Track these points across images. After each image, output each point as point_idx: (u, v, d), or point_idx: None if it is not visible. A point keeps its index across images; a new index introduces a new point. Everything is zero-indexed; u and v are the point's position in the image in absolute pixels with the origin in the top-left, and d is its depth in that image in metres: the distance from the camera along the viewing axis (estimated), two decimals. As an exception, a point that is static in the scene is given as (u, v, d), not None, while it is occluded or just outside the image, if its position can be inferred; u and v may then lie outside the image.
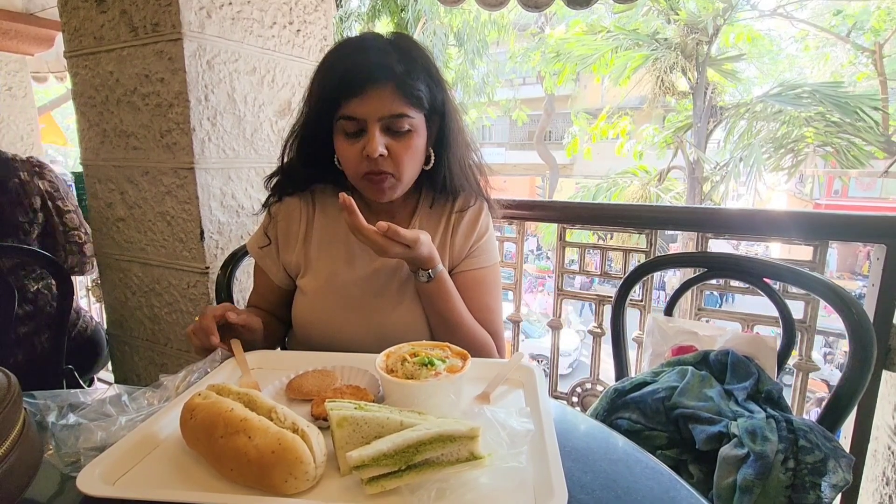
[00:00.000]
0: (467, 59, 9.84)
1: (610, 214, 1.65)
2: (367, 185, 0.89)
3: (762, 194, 8.01)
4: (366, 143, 0.84)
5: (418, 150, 0.89)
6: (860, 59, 9.10)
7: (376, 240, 0.79)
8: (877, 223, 1.24)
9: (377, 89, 0.82)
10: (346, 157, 0.88)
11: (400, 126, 0.84)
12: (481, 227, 1.00)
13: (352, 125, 0.84)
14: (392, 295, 0.96)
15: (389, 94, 0.82)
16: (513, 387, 0.77)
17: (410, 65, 0.85)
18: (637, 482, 0.58)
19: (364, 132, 0.84)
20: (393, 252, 0.81)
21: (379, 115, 0.83)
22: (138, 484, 0.54)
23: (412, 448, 0.51)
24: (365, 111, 0.83)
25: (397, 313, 0.95)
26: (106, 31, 1.32)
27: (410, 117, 0.85)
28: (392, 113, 0.83)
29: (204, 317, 0.82)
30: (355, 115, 0.83)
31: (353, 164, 0.87)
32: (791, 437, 0.82)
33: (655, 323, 1.21)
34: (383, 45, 0.85)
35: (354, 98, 0.82)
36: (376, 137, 0.83)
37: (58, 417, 0.63)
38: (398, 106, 0.83)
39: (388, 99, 0.82)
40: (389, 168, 0.86)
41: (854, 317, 0.94)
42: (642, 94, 9.04)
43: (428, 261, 0.87)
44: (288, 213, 1.01)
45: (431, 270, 0.88)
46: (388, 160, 0.86)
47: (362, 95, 0.82)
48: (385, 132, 0.85)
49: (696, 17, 7.74)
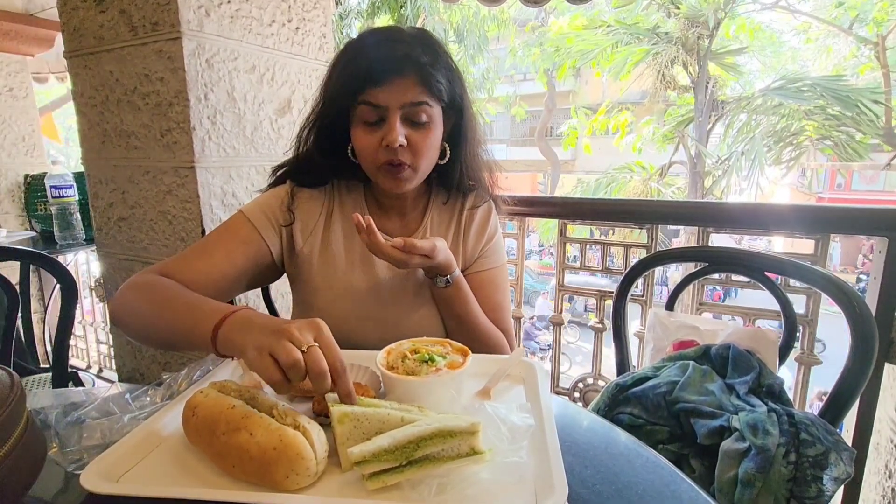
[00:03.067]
0: (467, 55, 9.80)
1: (611, 210, 1.65)
2: (384, 176, 0.88)
3: (764, 188, 7.99)
4: (386, 132, 0.83)
5: (435, 142, 0.89)
6: (862, 52, 9.05)
7: (395, 255, 0.80)
8: (879, 216, 1.24)
9: (400, 78, 0.82)
10: (364, 147, 0.86)
11: (419, 116, 0.84)
12: (491, 229, 1.02)
13: (372, 113, 0.83)
14: (408, 302, 0.96)
15: (412, 84, 0.82)
16: (514, 382, 0.77)
17: (433, 57, 0.84)
18: (638, 477, 0.58)
19: (383, 121, 0.84)
20: (413, 264, 0.83)
21: (401, 103, 0.82)
22: (141, 481, 0.55)
23: (413, 444, 0.51)
24: (387, 98, 0.82)
25: (413, 320, 0.95)
26: (105, 31, 1.32)
27: (430, 106, 0.84)
28: (413, 101, 0.83)
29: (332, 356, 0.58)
30: (377, 101, 0.82)
31: (370, 153, 0.86)
32: (792, 431, 0.82)
33: (657, 318, 1.21)
34: (408, 38, 0.85)
35: (377, 86, 0.81)
36: (397, 127, 0.82)
37: (61, 416, 0.63)
38: (419, 94, 0.83)
39: (411, 88, 0.82)
40: (407, 159, 0.86)
41: (855, 310, 0.94)
42: (643, 88, 9.01)
43: (446, 267, 0.88)
44: (308, 201, 0.97)
45: (449, 276, 0.89)
46: (407, 151, 0.85)
47: (385, 83, 0.81)
48: (404, 122, 0.84)
49: (696, 11, 7.69)
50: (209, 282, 0.84)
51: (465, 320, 0.93)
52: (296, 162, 0.98)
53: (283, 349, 0.54)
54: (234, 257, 0.88)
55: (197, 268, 0.84)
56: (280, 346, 0.54)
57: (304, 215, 0.96)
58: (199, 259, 0.85)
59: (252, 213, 0.92)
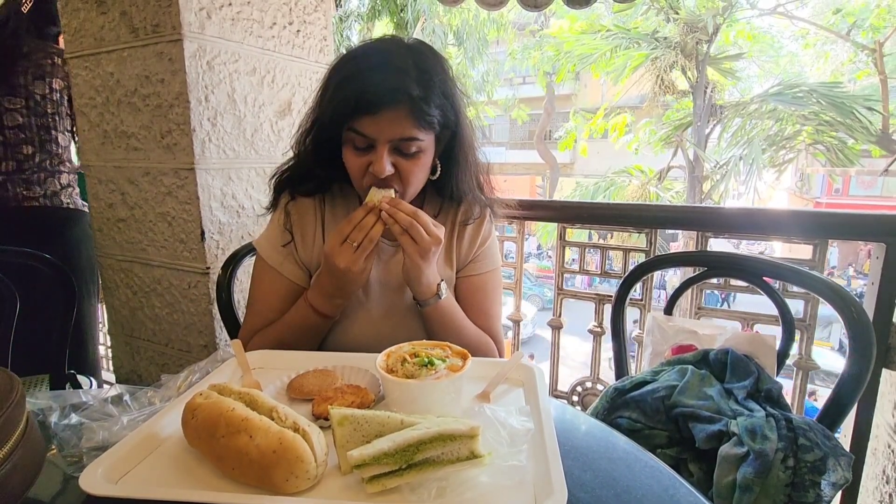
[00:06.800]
0: (467, 58, 9.84)
1: (610, 214, 1.65)
2: None
3: (761, 193, 8.02)
4: (373, 160, 0.83)
5: (425, 166, 0.89)
6: (860, 57, 9.09)
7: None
8: (876, 222, 1.25)
9: (391, 111, 0.80)
10: (353, 168, 0.88)
11: (409, 148, 0.84)
12: (484, 234, 1.02)
13: (361, 140, 0.84)
14: (400, 311, 0.98)
15: (402, 118, 0.81)
16: (513, 386, 0.77)
17: (427, 85, 0.82)
18: (637, 481, 0.58)
19: (372, 148, 0.84)
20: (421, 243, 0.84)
21: (389, 138, 0.82)
22: (140, 483, 0.55)
23: (413, 447, 0.51)
24: (376, 131, 0.81)
25: (403, 329, 0.97)
26: (106, 33, 1.32)
27: (420, 140, 0.84)
28: (402, 136, 0.82)
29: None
30: (366, 132, 0.82)
31: (358, 175, 0.88)
32: (791, 436, 0.82)
33: (655, 322, 1.21)
34: (402, 62, 0.83)
35: (367, 116, 0.81)
36: (384, 158, 0.82)
37: (60, 417, 0.63)
38: (409, 129, 0.82)
39: (400, 122, 0.81)
40: (395, 184, 0.87)
41: (853, 315, 0.94)
42: (642, 92, 9.03)
43: (426, 288, 0.89)
44: (303, 212, 0.99)
45: (431, 298, 0.90)
46: (395, 176, 0.86)
47: (375, 115, 0.80)
48: (393, 151, 0.84)
49: (695, 16, 7.73)
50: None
51: (448, 336, 0.92)
52: (297, 165, 0.99)
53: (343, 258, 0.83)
54: (277, 304, 0.97)
55: (262, 324, 0.97)
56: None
57: (301, 229, 0.98)
58: (258, 318, 0.98)
59: (268, 255, 0.98)
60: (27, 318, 1.23)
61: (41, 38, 1.74)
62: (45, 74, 1.71)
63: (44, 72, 1.70)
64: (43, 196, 1.74)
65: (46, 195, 1.74)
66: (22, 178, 1.71)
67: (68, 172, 1.81)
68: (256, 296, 1.00)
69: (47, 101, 1.71)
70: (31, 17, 1.72)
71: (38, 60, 1.69)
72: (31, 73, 1.68)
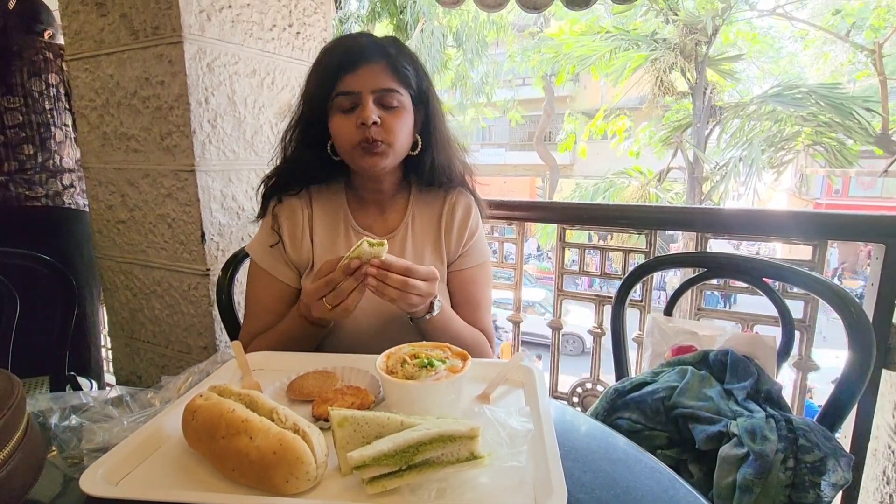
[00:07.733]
0: (466, 60, 9.85)
1: (609, 215, 1.66)
2: (361, 155, 0.92)
3: (761, 194, 8.03)
4: (360, 112, 0.89)
5: (407, 125, 0.95)
6: (859, 58, 9.11)
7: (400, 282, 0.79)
8: (876, 222, 1.25)
9: (370, 65, 0.90)
10: (342, 131, 0.92)
11: (390, 101, 0.91)
12: (472, 227, 1.03)
13: (347, 101, 0.90)
14: (398, 314, 0.97)
15: (381, 71, 0.91)
16: (513, 387, 0.77)
17: (400, 50, 0.94)
18: (637, 482, 0.58)
19: (358, 106, 0.90)
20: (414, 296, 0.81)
21: (372, 88, 0.90)
22: (141, 484, 0.55)
23: (412, 448, 0.51)
24: (359, 84, 0.89)
25: (396, 332, 0.96)
26: (106, 35, 1.32)
27: (400, 93, 0.92)
28: (383, 87, 0.90)
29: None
30: (350, 88, 0.90)
31: (347, 135, 0.91)
32: (791, 437, 0.82)
33: (655, 323, 1.21)
34: (376, 38, 0.95)
35: (349, 74, 0.89)
36: (370, 105, 0.89)
37: (60, 419, 0.63)
38: (389, 81, 0.91)
39: (381, 74, 0.91)
40: (381, 136, 0.91)
41: (853, 316, 0.94)
42: (642, 94, 9.04)
43: (420, 311, 0.88)
44: (290, 212, 1.01)
45: (427, 315, 0.89)
46: (381, 130, 0.90)
47: (356, 71, 0.89)
48: (377, 105, 0.90)
49: (694, 17, 7.74)
50: (281, 317, 0.99)
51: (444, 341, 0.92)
52: (284, 165, 1.02)
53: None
54: (273, 307, 1.00)
55: (259, 328, 0.99)
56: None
57: (289, 229, 1.00)
58: (256, 322, 1.00)
59: (260, 258, 1.00)
60: (27, 319, 1.22)
61: (29, 35, 1.75)
62: (40, 71, 1.71)
63: (38, 68, 1.70)
64: (45, 196, 1.74)
65: (48, 195, 1.74)
66: (24, 179, 1.71)
67: (70, 171, 1.81)
68: (252, 300, 1.03)
69: (45, 97, 1.71)
70: (19, 15, 1.72)
71: (30, 57, 1.69)
72: (27, 71, 1.68)
